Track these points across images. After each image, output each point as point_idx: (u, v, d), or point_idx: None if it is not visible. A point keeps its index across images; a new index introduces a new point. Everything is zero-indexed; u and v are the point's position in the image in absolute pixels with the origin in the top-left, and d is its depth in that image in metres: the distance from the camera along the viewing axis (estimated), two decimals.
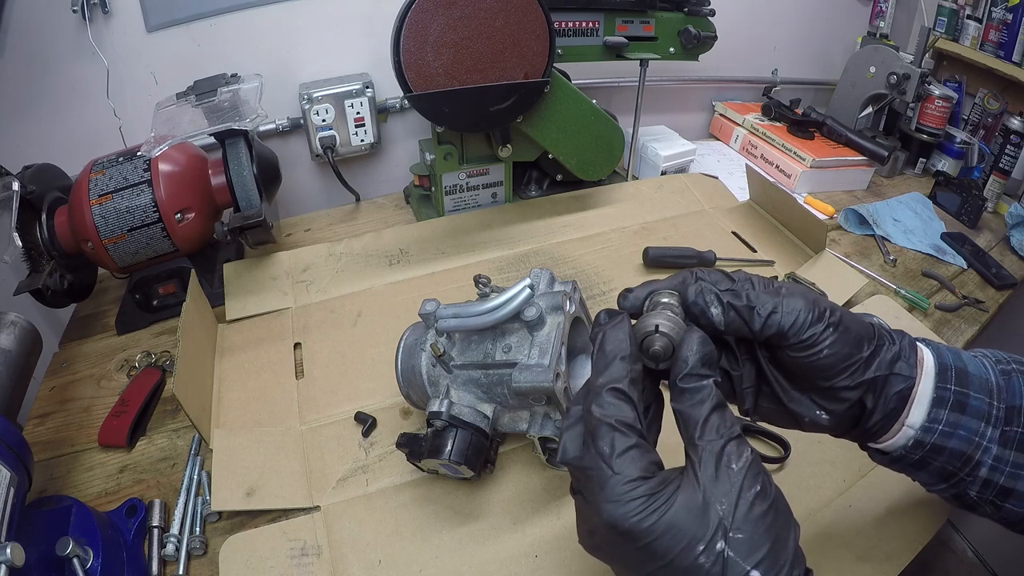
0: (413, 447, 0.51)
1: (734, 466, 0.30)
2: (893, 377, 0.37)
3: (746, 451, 0.30)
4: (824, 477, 0.56)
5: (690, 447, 0.31)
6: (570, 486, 0.35)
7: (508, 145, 0.84)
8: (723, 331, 0.36)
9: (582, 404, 0.34)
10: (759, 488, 0.29)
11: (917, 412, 0.38)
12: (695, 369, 0.32)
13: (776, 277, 0.80)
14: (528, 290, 0.48)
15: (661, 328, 0.34)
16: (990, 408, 0.38)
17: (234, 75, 0.80)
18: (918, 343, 0.39)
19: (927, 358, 0.39)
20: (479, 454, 0.49)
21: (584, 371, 0.56)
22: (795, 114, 1.19)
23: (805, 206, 0.94)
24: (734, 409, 0.35)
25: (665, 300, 0.36)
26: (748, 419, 0.58)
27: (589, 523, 0.33)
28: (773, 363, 0.39)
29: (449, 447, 0.47)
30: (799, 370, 0.37)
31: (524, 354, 0.47)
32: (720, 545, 0.28)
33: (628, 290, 0.38)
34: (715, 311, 0.35)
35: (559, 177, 0.97)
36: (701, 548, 0.28)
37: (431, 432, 0.49)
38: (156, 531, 0.51)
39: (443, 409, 0.48)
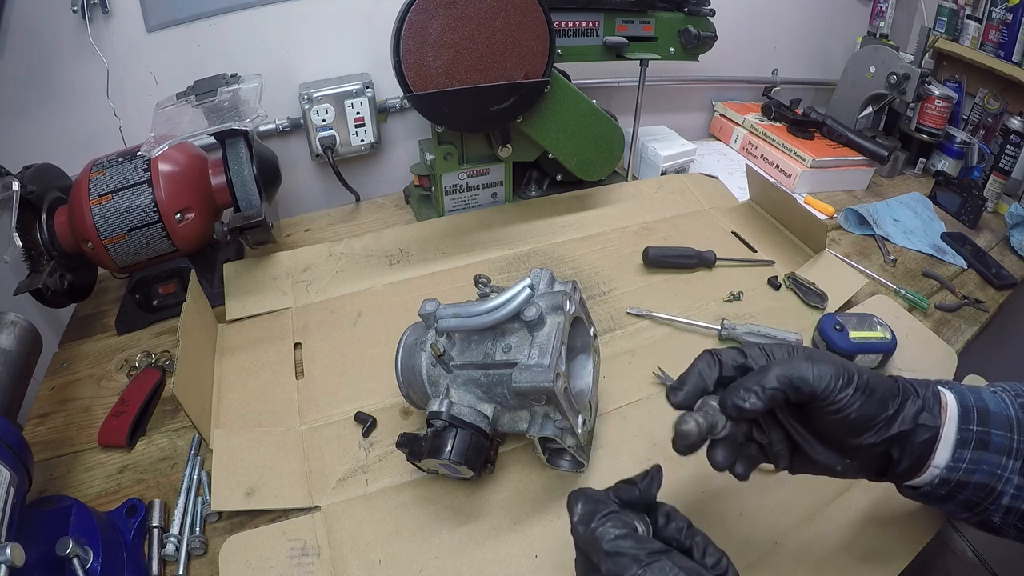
0: (413, 447, 0.51)
1: None
2: (919, 428, 0.39)
3: None
4: (824, 477, 0.56)
5: None
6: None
7: (508, 145, 0.84)
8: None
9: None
10: None
11: (943, 453, 0.40)
12: (579, 529, 0.35)
13: (776, 277, 0.80)
14: (528, 290, 0.48)
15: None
16: (1011, 442, 0.40)
17: (234, 75, 0.80)
18: (940, 389, 0.42)
19: (950, 403, 0.41)
20: (479, 454, 0.49)
21: (584, 371, 0.56)
22: (795, 114, 1.19)
23: (805, 206, 0.94)
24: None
25: (712, 403, 0.40)
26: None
27: None
28: (801, 423, 0.41)
29: (449, 447, 0.48)
30: (828, 428, 0.40)
31: (524, 354, 0.47)
32: None
33: (677, 388, 0.41)
34: (754, 402, 0.38)
35: (559, 177, 0.97)
36: None
37: (431, 432, 0.49)
38: (156, 531, 0.51)
39: (443, 409, 0.48)
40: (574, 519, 0.36)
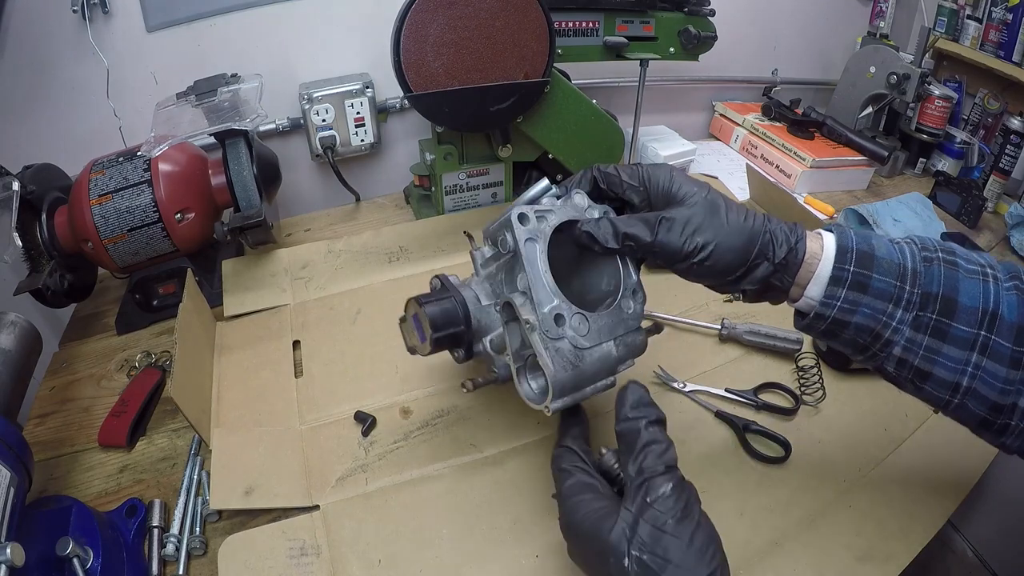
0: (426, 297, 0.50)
1: (648, 498, 0.35)
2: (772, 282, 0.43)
3: (664, 487, 0.36)
4: (824, 477, 0.56)
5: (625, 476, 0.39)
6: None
7: (508, 145, 0.84)
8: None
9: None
10: (672, 519, 0.35)
11: (815, 288, 0.41)
12: (628, 413, 0.40)
13: None
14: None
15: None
16: (899, 291, 0.39)
17: (234, 75, 0.80)
18: (824, 231, 0.43)
19: (828, 243, 0.42)
20: (449, 326, 0.48)
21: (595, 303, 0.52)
22: (795, 114, 1.19)
23: (805, 206, 0.94)
24: None
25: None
26: (749, 420, 0.58)
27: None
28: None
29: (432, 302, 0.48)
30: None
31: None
32: (626, 562, 0.34)
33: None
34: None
35: (559, 177, 0.97)
36: (612, 561, 0.34)
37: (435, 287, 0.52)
38: (156, 531, 0.51)
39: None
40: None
